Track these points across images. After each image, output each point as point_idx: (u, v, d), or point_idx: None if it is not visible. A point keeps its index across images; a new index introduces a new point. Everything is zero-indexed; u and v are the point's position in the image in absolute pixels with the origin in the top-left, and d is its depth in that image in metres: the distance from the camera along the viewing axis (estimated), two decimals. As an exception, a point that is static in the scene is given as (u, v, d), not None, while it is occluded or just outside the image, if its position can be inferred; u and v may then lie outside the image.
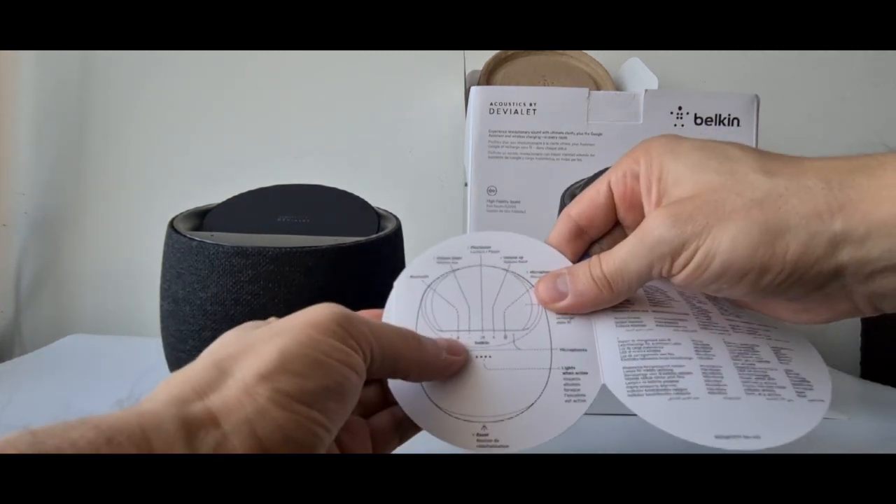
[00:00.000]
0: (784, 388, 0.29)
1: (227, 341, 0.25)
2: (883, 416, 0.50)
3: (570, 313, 0.31)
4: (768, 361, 0.30)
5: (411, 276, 0.32)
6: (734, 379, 0.29)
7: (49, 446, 0.17)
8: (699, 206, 0.27)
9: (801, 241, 0.25)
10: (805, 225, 0.25)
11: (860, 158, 0.26)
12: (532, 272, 0.32)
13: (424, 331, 0.30)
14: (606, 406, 0.30)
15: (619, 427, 0.32)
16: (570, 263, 0.33)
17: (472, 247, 0.33)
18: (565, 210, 0.33)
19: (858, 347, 0.71)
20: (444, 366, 0.29)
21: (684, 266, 0.27)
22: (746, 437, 0.27)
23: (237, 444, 0.20)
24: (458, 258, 0.33)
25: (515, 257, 0.33)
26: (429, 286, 0.32)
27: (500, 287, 0.32)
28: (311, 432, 0.22)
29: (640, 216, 0.30)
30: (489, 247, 0.33)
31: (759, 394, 0.28)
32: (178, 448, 0.19)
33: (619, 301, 0.31)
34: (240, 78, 0.75)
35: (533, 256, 0.33)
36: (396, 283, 0.32)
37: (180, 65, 0.74)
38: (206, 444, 0.20)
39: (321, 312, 0.25)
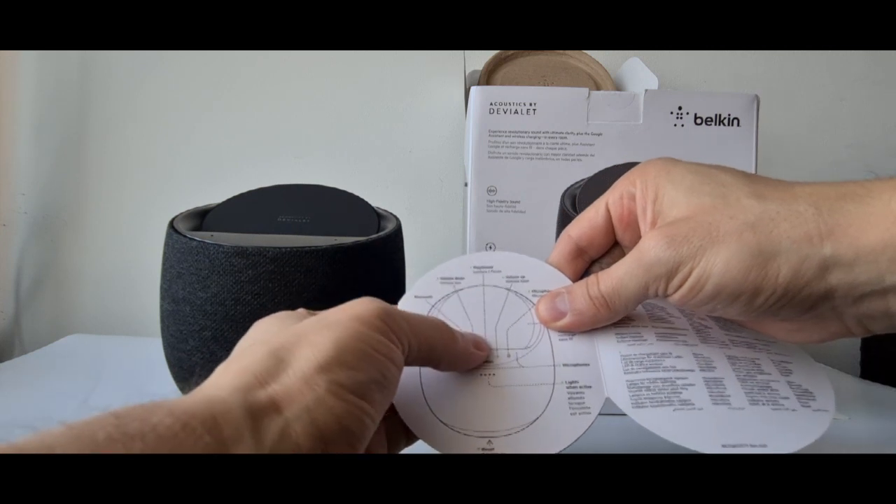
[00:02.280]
0: (787, 398, 0.29)
1: (272, 330, 0.26)
2: (883, 416, 0.50)
3: (569, 331, 0.32)
4: (770, 374, 0.30)
5: (416, 297, 0.33)
6: (737, 390, 0.29)
7: (132, 429, 0.18)
8: (694, 228, 0.27)
9: (792, 264, 0.26)
10: (796, 248, 0.26)
11: (849, 185, 0.27)
12: (534, 291, 0.33)
13: None
14: (605, 406, 0.30)
15: (618, 427, 0.33)
16: (570, 282, 0.33)
17: (475, 267, 0.34)
18: (565, 231, 0.34)
19: (858, 347, 0.72)
20: (471, 358, 0.30)
21: (679, 286, 0.28)
22: (753, 445, 0.27)
23: (299, 431, 0.21)
24: (462, 278, 0.33)
25: (517, 277, 0.33)
26: (433, 306, 0.32)
27: (502, 306, 0.32)
28: (361, 421, 0.23)
29: (638, 236, 0.31)
30: (491, 266, 0.34)
31: (763, 404, 0.28)
32: (246, 433, 0.20)
33: (617, 319, 0.31)
34: (240, 78, 0.75)
35: (534, 276, 0.33)
36: (401, 304, 0.33)
37: (180, 65, 0.74)
38: (271, 431, 0.21)
39: (366, 307, 0.26)
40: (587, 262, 0.34)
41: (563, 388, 0.30)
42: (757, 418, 0.28)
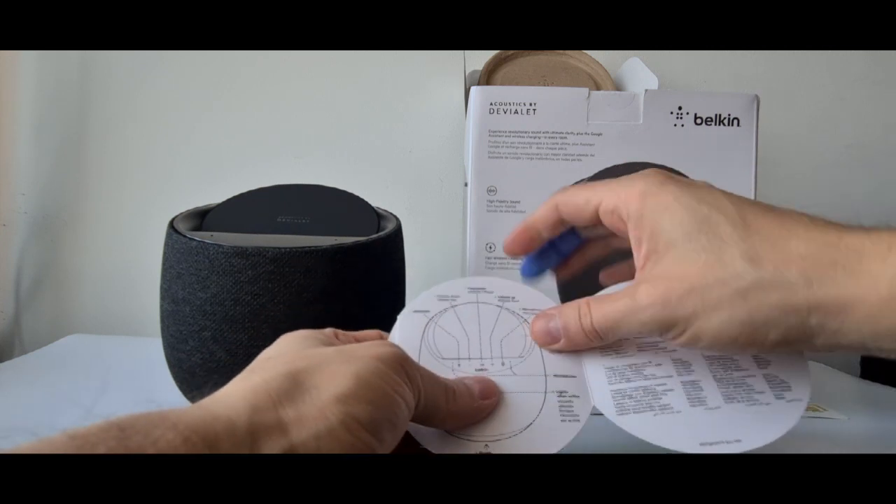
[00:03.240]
0: (762, 392, 0.31)
1: (296, 347, 0.27)
2: (882, 416, 0.50)
3: (563, 353, 0.33)
4: (747, 369, 0.32)
5: (414, 311, 0.35)
6: (713, 390, 0.31)
7: (133, 443, 0.19)
8: (689, 291, 0.29)
9: (780, 331, 0.28)
10: (784, 318, 0.27)
11: (842, 249, 0.27)
12: (524, 309, 0.35)
13: (427, 359, 0.32)
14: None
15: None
16: (555, 303, 0.35)
17: (470, 288, 0.36)
18: (553, 199, 0.35)
19: (858, 347, 0.71)
20: (477, 412, 0.30)
21: (674, 339, 0.30)
22: (728, 442, 0.29)
23: None
24: (457, 296, 0.36)
25: (508, 297, 0.36)
26: (430, 319, 0.34)
27: (496, 320, 0.34)
28: None
29: (627, 243, 0.32)
30: (484, 288, 0.36)
31: (739, 401, 0.31)
32: (244, 453, 0.21)
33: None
34: (240, 78, 0.75)
35: (524, 297, 0.36)
36: (400, 317, 0.34)
37: (180, 65, 0.74)
38: (269, 452, 0.21)
39: (388, 349, 0.27)
40: (566, 228, 0.36)
41: (553, 397, 0.31)
42: (732, 416, 0.30)
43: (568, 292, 0.38)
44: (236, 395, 0.23)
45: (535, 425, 0.30)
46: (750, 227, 0.29)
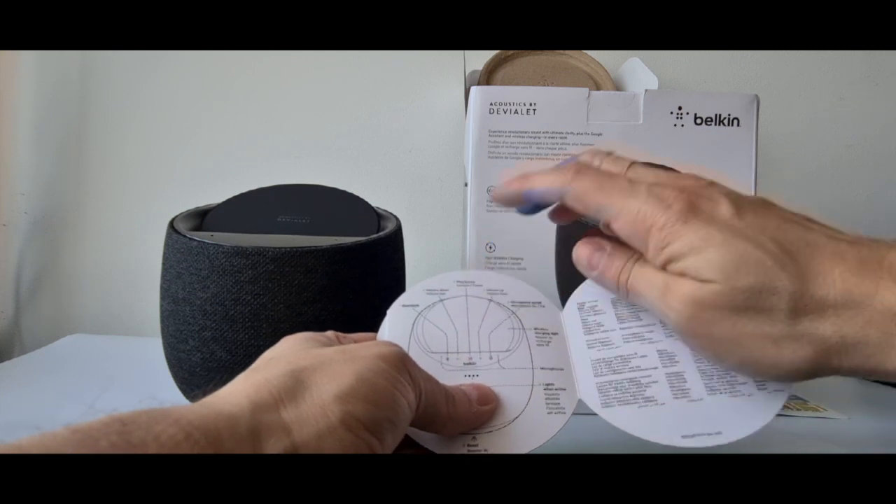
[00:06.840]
0: (745, 383, 0.31)
1: (297, 347, 0.27)
2: (883, 416, 0.50)
3: (592, 280, 0.33)
4: None
5: (403, 305, 0.35)
6: (697, 382, 0.31)
7: (135, 438, 0.19)
8: (722, 331, 0.27)
9: (803, 375, 0.27)
10: (813, 367, 0.27)
11: (877, 306, 0.25)
12: (513, 302, 0.36)
13: (416, 353, 0.32)
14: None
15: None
16: (543, 299, 0.36)
17: (458, 281, 0.36)
18: (562, 180, 0.32)
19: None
20: (475, 418, 0.30)
21: (687, 344, 0.30)
22: (709, 434, 0.29)
23: None
24: (446, 290, 0.36)
25: (497, 290, 0.36)
26: (420, 313, 0.34)
27: (484, 313, 0.35)
28: None
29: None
30: (473, 281, 0.36)
31: (721, 392, 0.31)
32: (247, 450, 0.21)
33: None
34: (240, 78, 0.75)
35: (512, 290, 0.36)
36: (389, 311, 0.35)
37: (180, 65, 0.74)
38: (272, 451, 0.21)
39: (390, 349, 0.27)
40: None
41: (540, 390, 0.32)
42: (714, 408, 0.30)
43: (567, 284, 0.37)
44: (239, 392, 0.23)
45: (523, 418, 0.31)
46: (804, 275, 0.26)
